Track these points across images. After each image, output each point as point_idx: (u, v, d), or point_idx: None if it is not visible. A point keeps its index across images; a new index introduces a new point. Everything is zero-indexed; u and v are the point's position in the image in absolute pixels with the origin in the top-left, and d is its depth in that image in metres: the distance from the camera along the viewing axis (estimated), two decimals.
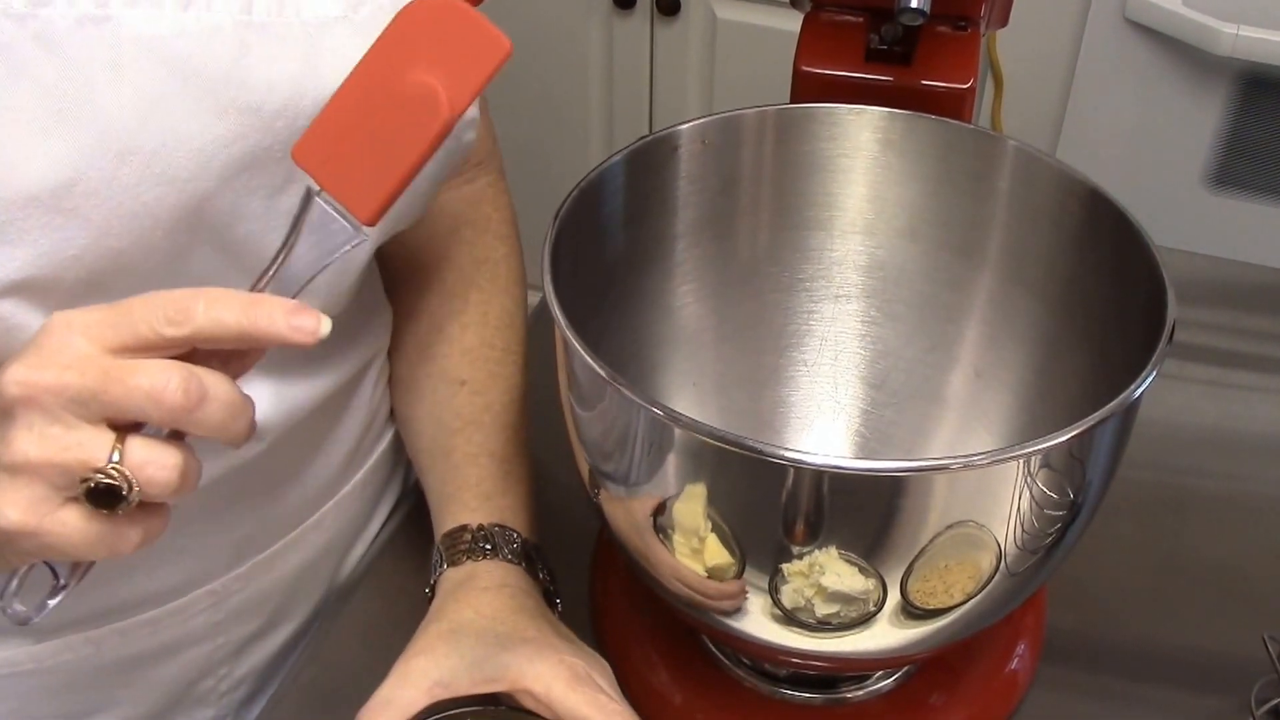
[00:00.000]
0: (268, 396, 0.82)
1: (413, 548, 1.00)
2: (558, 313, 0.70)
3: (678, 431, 0.65)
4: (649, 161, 0.85)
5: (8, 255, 0.64)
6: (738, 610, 0.72)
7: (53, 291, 0.67)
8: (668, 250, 0.90)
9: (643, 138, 0.84)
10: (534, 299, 1.12)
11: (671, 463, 0.67)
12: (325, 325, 0.59)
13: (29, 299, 0.66)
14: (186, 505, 0.79)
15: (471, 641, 0.79)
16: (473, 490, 0.89)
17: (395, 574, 0.99)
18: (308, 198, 0.60)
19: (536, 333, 1.18)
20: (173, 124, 0.67)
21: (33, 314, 0.67)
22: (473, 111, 0.85)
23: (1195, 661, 0.91)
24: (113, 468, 0.57)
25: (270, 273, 0.61)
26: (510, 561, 0.85)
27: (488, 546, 0.86)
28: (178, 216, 0.69)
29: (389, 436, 1.02)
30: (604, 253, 0.85)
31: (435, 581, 0.86)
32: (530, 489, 0.92)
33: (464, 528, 0.87)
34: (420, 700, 0.77)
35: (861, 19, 0.97)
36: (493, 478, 0.90)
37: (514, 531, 0.87)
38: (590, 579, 0.94)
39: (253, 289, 0.60)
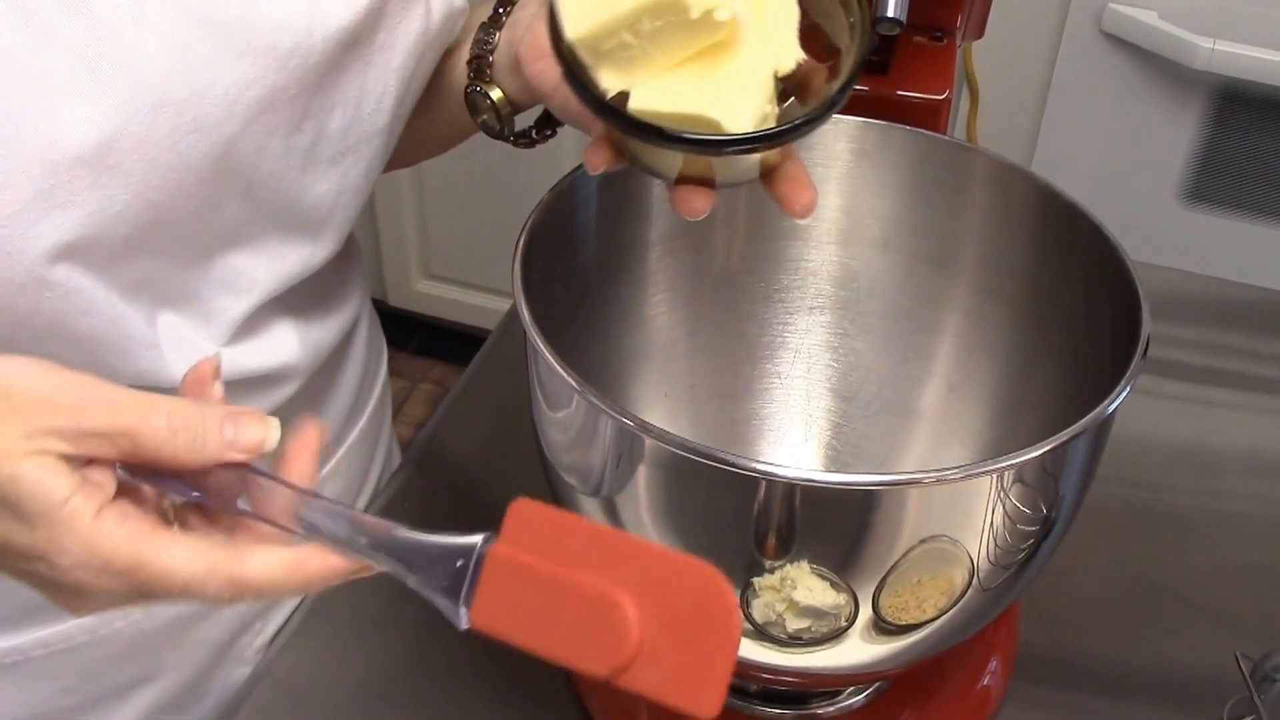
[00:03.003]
0: (295, 339, 0.85)
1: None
2: (528, 321, 0.70)
3: (648, 442, 0.65)
4: (622, 169, 0.85)
5: (60, 218, 0.66)
6: None
7: (99, 251, 0.69)
8: (640, 259, 0.90)
9: None
10: (504, 307, 1.12)
11: (642, 474, 0.67)
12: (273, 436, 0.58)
13: (80, 261, 0.68)
14: None
15: None
16: None
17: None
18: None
19: (506, 342, 1.18)
20: (198, 72, 0.69)
21: (85, 277, 0.69)
22: None
23: (1167, 679, 0.92)
24: None
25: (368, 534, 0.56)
26: None
27: None
28: (209, 163, 0.71)
29: (379, 387, 1.06)
30: (576, 261, 0.85)
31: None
32: None
33: None
34: None
35: None
36: None
37: None
38: None
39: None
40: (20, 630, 0.82)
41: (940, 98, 0.95)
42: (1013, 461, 0.64)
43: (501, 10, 0.83)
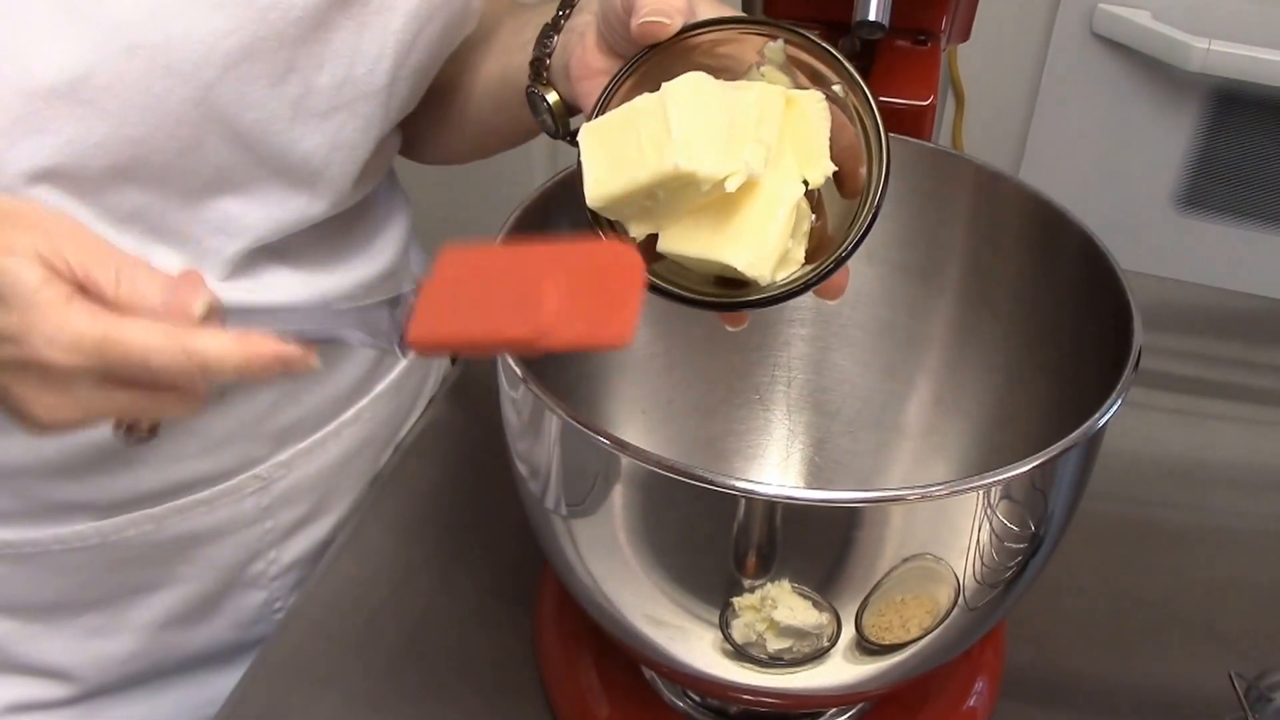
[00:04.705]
0: (298, 285, 0.91)
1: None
2: None
3: (625, 461, 0.66)
4: None
5: (37, 144, 0.73)
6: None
7: (81, 179, 0.76)
8: None
9: None
10: None
11: (619, 493, 0.68)
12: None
13: (61, 186, 0.75)
14: (233, 392, 0.91)
15: None
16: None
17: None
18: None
19: (478, 360, 1.18)
20: (175, 18, 0.74)
21: (66, 201, 0.76)
22: None
23: (1159, 699, 0.92)
24: None
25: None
26: None
27: None
28: (188, 107, 0.76)
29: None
30: None
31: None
32: None
33: None
34: None
35: (818, 32, 0.98)
36: None
37: None
38: (533, 614, 0.94)
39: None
40: (38, 526, 0.91)
41: (924, 103, 0.96)
42: (1000, 477, 0.65)
43: (562, 14, 0.85)
